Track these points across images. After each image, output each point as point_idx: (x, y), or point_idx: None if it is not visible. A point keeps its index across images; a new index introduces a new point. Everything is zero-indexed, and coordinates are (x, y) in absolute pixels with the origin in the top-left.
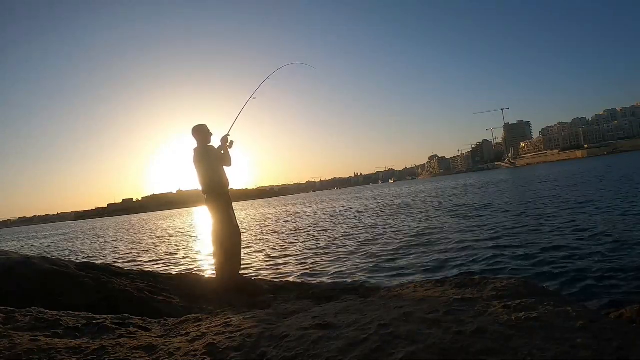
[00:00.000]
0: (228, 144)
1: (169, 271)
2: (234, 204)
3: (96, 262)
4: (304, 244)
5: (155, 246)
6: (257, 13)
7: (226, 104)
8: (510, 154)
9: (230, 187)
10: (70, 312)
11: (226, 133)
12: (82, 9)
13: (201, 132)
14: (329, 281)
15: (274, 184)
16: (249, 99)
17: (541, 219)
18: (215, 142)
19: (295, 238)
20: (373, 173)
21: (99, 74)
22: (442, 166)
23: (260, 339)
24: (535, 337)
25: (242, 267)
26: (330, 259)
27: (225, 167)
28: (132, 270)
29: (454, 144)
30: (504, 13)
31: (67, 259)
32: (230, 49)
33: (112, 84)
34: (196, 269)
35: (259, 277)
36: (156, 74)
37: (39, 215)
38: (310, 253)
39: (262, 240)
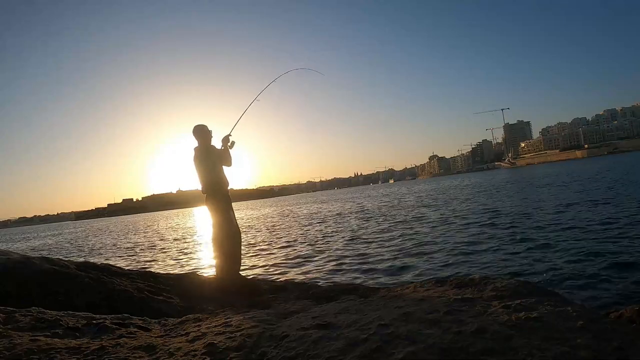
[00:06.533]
0: (229, 144)
1: (169, 271)
2: (233, 204)
3: (96, 262)
4: (304, 243)
5: (155, 246)
6: (259, 12)
7: (227, 104)
8: (510, 154)
9: (230, 187)
10: (70, 312)
11: (228, 133)
12: (83, 8)
13: (202, 132)
14: (329, 281)
15: (274, 184)
16: (253, 101)
17: (543, 219)
18: (217, 142)
19: (296, 238)
20: (373, 173)
21: (99, 74)
22: (442, 166)
23: (260, 339)
24: (535, 337)
25: (242, 267)
26: (330, 259)
27: (225, 167)
28: (132, 270)
29: (454, 144)
30: (504, 13)
31: (67, 259)
32: (233, 50)
33: (112, 84)
34: (196, 269)
35: (259, 277)
36: (157, 74)
37: (39, 215)
38: (311, 253)
39: (262, 240)
